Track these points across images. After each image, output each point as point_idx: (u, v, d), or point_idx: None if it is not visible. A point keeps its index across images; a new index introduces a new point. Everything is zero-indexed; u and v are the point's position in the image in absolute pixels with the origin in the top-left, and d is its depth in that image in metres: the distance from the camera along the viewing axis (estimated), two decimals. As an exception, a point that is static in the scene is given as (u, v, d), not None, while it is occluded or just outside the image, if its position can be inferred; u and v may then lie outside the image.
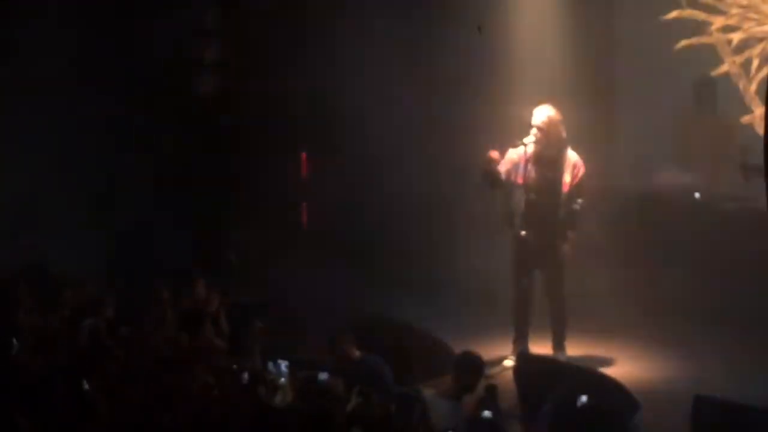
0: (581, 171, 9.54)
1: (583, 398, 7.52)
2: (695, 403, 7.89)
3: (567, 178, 9.51)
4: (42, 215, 11.17)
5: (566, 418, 7.46)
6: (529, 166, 9.52)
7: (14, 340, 7.68)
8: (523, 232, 9.58)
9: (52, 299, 8.90)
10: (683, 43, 11.48)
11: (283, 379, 7.85)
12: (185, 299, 9.16)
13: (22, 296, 8.83)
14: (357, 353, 8.42)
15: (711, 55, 11.59)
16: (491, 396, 7.94)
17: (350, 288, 11.38)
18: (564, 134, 9.54)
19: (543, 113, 9.50)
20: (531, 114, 9.56)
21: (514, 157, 9.56)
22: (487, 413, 7.71)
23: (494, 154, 9.51)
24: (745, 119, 11.38)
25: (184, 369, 7.40)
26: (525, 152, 9.49)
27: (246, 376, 7.42)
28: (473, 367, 8.17)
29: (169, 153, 12.02)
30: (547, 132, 9.48)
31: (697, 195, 10.60)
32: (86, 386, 6.70)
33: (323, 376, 7.79)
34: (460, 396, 7.98)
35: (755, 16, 11.46)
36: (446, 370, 9.02)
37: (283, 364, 8.03)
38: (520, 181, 9.54)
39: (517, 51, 11.33)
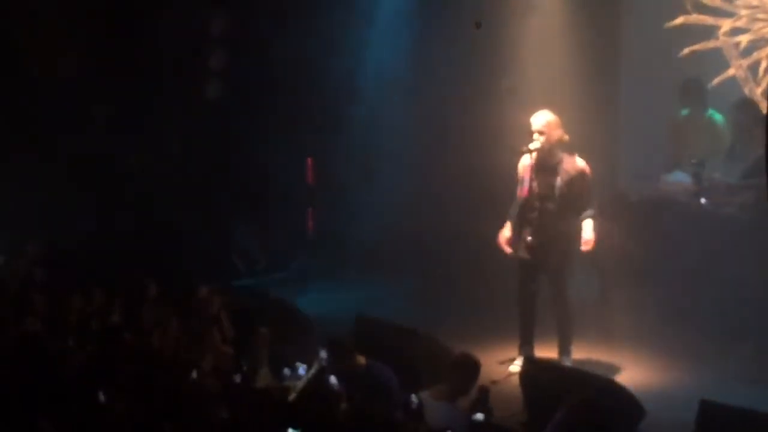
0: (587, 178, 9.55)
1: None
2: (701, 408, 7.89)
3: (575, 187, 9.51)
4: (48, 218, 11.20)
5: (577, 425, 7.46)
6: (534, 175, 9.54)
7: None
8: (529, 238, 9.60)
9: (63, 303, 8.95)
10: (689, 49, 11.47)
11: (298, 383, 7.91)
12: (187, 301, 9.19)
13: (36, 301, 8.88)
14: (362, 360, 8.42)
15: (715, 60, 11.57)
16: (484, 398, 7.96)
17: (356, 293, 11.45)
18: (566, 137, 9.56)
19: (542, 118, 9.51)
20: (530, 121, 9.58)
21: (522, 172, 9.60)
22: (479, 415, 7.75)
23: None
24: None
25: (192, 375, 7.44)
26: (530, 162, 9.52)
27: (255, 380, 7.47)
28: (469, 369, 8.19)
29: (175, 157, 12.07)
30: (548, 136, 9.50)
31: (703, 200, 10.59)
32: (101, 395, 6.75)
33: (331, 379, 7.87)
34: (455, 398, 7.99)
35: (764, 16, 11.43)
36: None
37: (302, 368, 8.08)
38: (525, 192, 9.56)
39: (523, 59, 11.35)
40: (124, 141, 11.67)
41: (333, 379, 8.09)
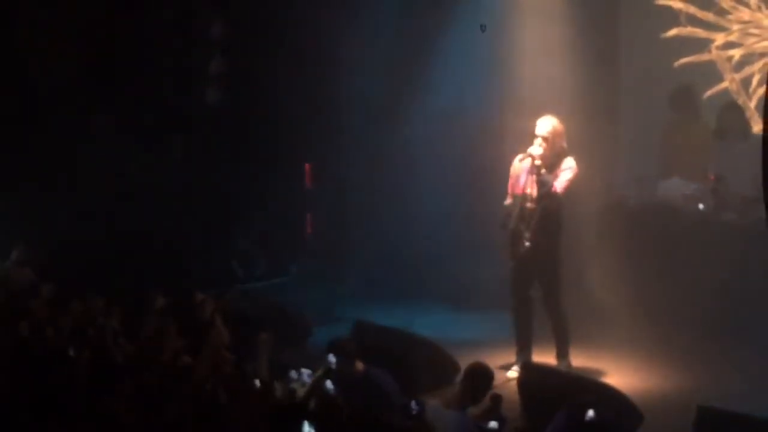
0: (570, 172, 9.55)
1: (591, 412, 7.56)
2: (698, 414, 7.93)
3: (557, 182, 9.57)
4: (45, 222, 11.20)
5: (574, 430, 7.49)
6: (530, 177, 9.59)
7: None
8: (528, 243, 9.64)
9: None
10: (682, 60, 11.55)
11: (303, 386, 7.91)
12: (185, 307, 9.19)
13: (37, 307, 8.86)
14: (360, 365, 8.45)
15: (713, 69, 11.66)
16: (497, 406, 7.99)
17: (354, 298, 11.48)
18: (564, 145, 9.64)
19: (548, 123, 9.59)
20: (534, 125, 9.64)
21: (518, 171, 9.66)
22: (493, 423, 7.77)
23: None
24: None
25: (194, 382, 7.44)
26: (531, 164, 9.57)
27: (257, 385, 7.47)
28: (483, 378, 8.21)
29: (175, 162, 12.09)
30: (551, 142, 9.57)
31: (701, 206, 10.67)
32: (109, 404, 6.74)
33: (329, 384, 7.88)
34: (465, 406, 8.02)
35: (756, 31, 11.53)
36: (450, 380, 9.11)
37: (306, 373, 8.09)
38: (519, 191, 9.63)
39: (522, 64, 11.42)
40: (123, 144, 11.68)
41: (329, 384, 8.11)
